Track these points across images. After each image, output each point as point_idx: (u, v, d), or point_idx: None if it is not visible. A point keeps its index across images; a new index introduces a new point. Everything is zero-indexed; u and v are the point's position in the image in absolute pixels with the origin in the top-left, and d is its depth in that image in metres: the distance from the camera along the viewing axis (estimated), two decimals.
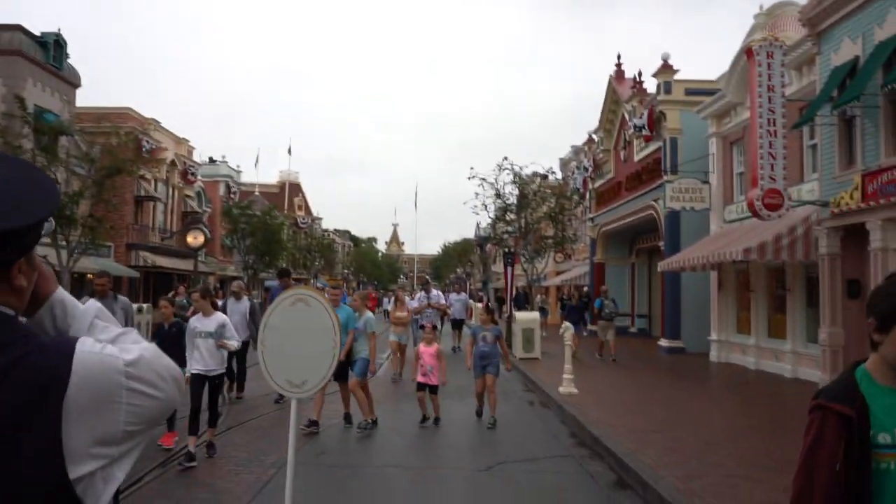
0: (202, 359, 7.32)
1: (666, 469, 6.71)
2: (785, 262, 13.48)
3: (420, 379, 9.33)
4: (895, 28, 10.36)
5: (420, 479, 6.86)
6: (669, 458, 7.22)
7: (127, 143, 21.74)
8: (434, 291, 15.18)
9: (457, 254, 66.79)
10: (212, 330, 7.32)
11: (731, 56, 15.77)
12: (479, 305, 33.25)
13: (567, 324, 12.33)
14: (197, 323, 7.44)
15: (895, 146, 10.69)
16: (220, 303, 10.90)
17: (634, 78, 23.58)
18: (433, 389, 9.31)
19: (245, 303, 11.23)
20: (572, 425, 9.52)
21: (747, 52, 12.52)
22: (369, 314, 9.41)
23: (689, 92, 19.86)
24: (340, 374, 8.84)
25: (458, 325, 19.83)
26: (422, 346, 9.60)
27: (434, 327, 10.13)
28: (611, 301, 17.37)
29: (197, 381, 7.28)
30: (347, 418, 9.22)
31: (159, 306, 8.36)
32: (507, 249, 21.90)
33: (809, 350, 13.56)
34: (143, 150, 29.21)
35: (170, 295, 18.20)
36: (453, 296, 20.17)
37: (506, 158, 21.03)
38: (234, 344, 7.49)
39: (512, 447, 8.26)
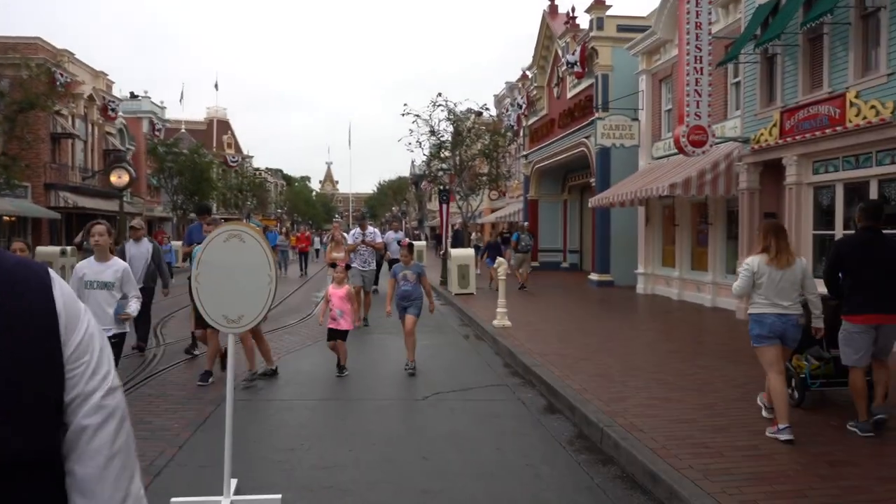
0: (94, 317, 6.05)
1: (592, 393, 7.09)
2: (708, 196, 14.04)
3: (330, 324, 8.49)
4: None
5: (357, 409, 7.05)
6: (596, 383, 7.62)
7: (39, 77, 20.43)
8: (370, 228, 13.74)
9: (392, 192, 66.40)
10: (109, 280, 5.73)
11: None
12: (419, 244, 33.53)
13: (501, 259, 12.61)
14: (87, 269, 5.79)
15: (812, 84, 11.15)
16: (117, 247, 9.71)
17: (568, 13, 23.53)
18: (342, 335, 8.54)
19: (146, 245, 9.87)
20: (506, 356, 9.87)
21: None
22: None
23: (621, 28, 20.01)
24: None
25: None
26: (331, 288, 8.66)
27: (348, 267, 9.22)
28: (527, 235, 19.93)
29: None
30: (205, 376, 7.94)
31: (12, 249, 6.43)
32: (441, 187, 21.93)
33: (728, 280, 14.29)
34: (58, 83, 27.56)
35: (78, 237, 17.29)
36: (390, 234, 19.25)
37: (440, 95, 20.83)
38: (134, 310, 5.84)
39: (448, 378, 8.53)
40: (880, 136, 9.50)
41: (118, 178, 26.00)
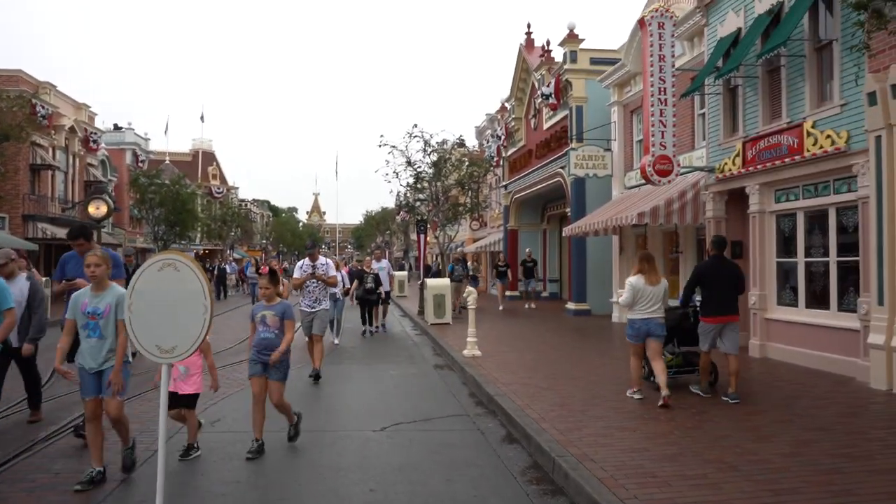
0: None
1: (550, 423, 7.06)
2: (677, 225, 14.15)
3: (170, 386, 5.62)
4: (773, 1, 10.92)
5: (313, 441, 6.95)
6: (556, 412, 7.58)
7: (16, 108, 20.41)
8: (322, 259, 11.17)
9: (375, 223, 66.53)
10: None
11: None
12: (401, 273, 33.41)
13: (471, 288, 12.62)
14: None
15: (772, 114, 11.35)
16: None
17: (543, 46, 23.90)
18: (188, 401, 6.25)
19: (22, 282, 7.61)
20: (472, 386, 9.82)
21: (640, 22, 12.95)
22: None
23: (594, 61, 20.34)
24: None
25: (382, 299, 17.32)
26: None
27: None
28: (460, 266, 22.10)
29: None
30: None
31: None
32: (419, 217, 21.99)
33: None
34: (39, 115, 27.56)
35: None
36: (375, 264, 17.89)
37: (415, 126, 21.03)
38: None
39: (410, 409, 8.47)
40: (837, 165, 9.66)
41: (96, 209, 25.82)
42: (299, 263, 11.30)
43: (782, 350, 11.04)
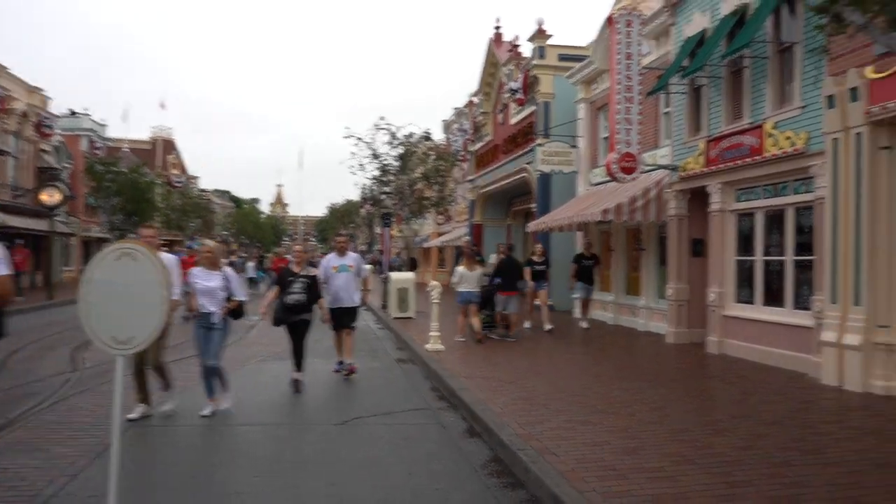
0: None
1: (512, 416, 7.07)
2: (640, 222, 14.31)
3: None
4: (738, 1, 11.07)
5: (274, 434, 6.87)
6: (518, 406, 7.61)
7: None
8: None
9: (339, 216, 66.00)
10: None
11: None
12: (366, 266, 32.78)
13: (434, 282, 12.58)
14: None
15: (734, 114, 11.53)
16: None
17: (512, 42, 23.92)
18: None
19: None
20: (434, 380, 9.79)
21: (608, 19, 13.02)
22: None
23: (562, 57, 20.43)
24: None
25: (347, 317, 10.05)
26: None
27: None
28: (402, 259, 24.80)
29: None
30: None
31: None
32: (384, 211, 21.88)
33: (660, 305, 14.57)
34: None
35: None
36: (333, 258, 10.23)
37: (382, 118, 20.89)
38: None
39: (372, 403, 8.40)
40: (796, 166, 9.85)
41: (49, 196, 25.25)
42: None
43: (739, 347, 11.26)
